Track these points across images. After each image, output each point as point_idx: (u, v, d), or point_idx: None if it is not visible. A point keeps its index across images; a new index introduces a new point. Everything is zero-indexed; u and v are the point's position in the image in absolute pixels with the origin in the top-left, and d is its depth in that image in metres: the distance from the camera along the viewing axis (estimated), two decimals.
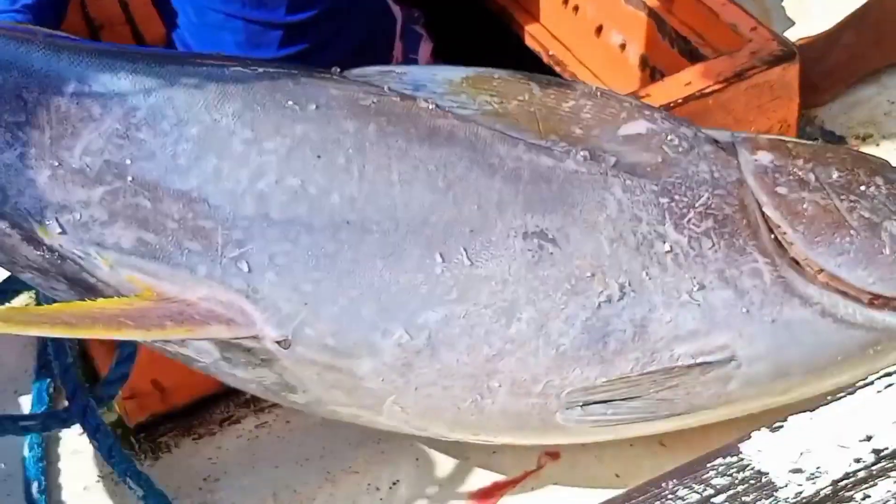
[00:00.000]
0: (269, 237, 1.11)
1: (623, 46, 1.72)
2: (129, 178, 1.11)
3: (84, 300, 1.11)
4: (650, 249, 1.16)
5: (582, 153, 1.20)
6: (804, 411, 1.09)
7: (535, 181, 1.18)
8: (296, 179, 1.12)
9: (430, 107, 1.21)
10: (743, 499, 1.06)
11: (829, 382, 1.21)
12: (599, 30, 1.77)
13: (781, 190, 1.22)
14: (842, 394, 1.11)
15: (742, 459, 1.08)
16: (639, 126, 1.25)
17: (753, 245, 1.18)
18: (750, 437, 1.09)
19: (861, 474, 1.08)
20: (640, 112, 1.27)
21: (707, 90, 1.43)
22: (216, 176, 1.11)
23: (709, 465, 1.08)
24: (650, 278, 1.16)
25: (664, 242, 1.17)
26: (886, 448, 1.09)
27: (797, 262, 1.18)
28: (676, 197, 1.19)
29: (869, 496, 1.05)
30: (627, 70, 1.71)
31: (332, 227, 1.12)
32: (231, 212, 1.11)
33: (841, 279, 1.19)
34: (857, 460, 1.09)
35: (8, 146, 1.11)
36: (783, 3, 1.90)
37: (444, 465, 1.36)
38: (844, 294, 1.18)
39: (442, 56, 1.95)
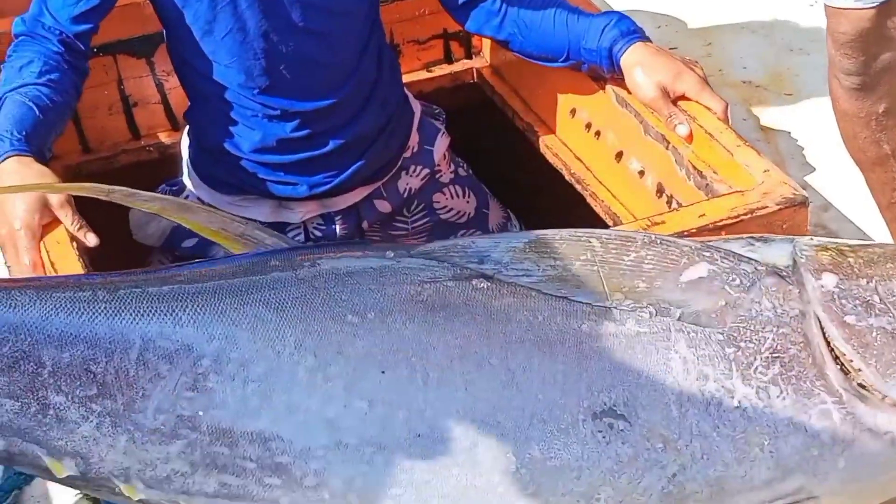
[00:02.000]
0: (344, 461, 1.14)
1: (642, 173, 1.75)
2: (204, 429, 1.14)
3: None
4: (719, 408, 1.17)
5: (648, 309, 1.22)
6: None
7: (597, 353, 1.19)
8: (363, 402, 1.15)
9: (486, 286, 1.22)
10: None
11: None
12: (619, 155, 1.80)
13: (850, 319, 1.22)
14: None
15: None
16: (700, 270, 1.25)
17: (821, 385, 1.19)
18: None
19: None
20: (700, 255, 1.27)
21: (720, 222, 1.46)
22: (286, 411, 1.15)
23: None
24: (720, 438, 1.17)
25: (733, 398, 1.18)
26: None
27: (863, 387, 1.19)
28: (742, 344, 1.20)
29: None
30: (645, 195, 1.75)
31: (404, 443, 1.14)
32: (305, 443, 1.14)
33: None
34: None
35: (84, 419, 1.15)
36: (803, 152, 1.95)
37: None
38: None
39: (459, 152, 1.99)
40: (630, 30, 1.71)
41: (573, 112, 1.91)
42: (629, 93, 1.72)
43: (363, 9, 1.73)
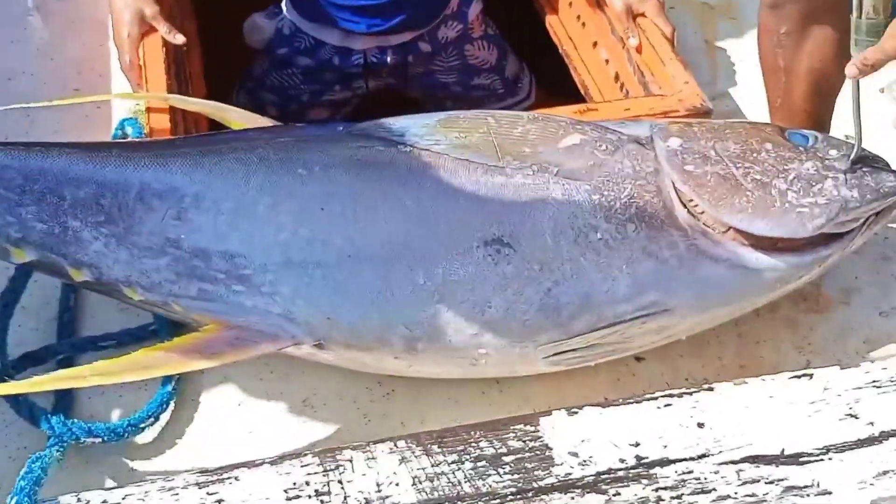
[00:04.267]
0: (293, 274, 1.44)
1: (607, 62, 2.18)
2: (185, 248, 1.46)
3: (163, 341, 1.48)
4: (586, 239, 1.46)
5: (532, 168, 1.51)
6: (597, 405, 1.33)
7: (490, 198, 1.47)
8: (306, 230, 1.45)
9: (409, 150, 1.51)
10: (526, 464, 1.22)
11: (749, 309, 1.60)
12: (595, 44, 2.24)
13: (689, 168, 1.51)
14: (631, 399, 1.33)
15: (537, 431, 1.27)
16: (574, 139, 1.54)
17: (670, 223, 1.48)
18: (550, 415, 1.31)
19: (620, 473, 1.23)
20: (574, 127, 1.56)
21: (638, 117, 1.77)
22: (249, 236, 1.46)
23: (512, 427, 1.27)
24: (587, 262, 1.45)
25: (597, 232, 1.46)
26: (647, 457, 1.25)
27: (707, 226, 1.48)
28: (605, 193, 1.48)
29: (619, 494, 1.19)
30: (607, 79, 2.18)
31: (337, 262, 1.44)
32: (263, 261, 1.45)
33: (745, 233, 1.46)
34: (621, 460, 1.25)
35: (94, 239, 1.48)
36: (733, 67, 2.36)
37: None
38: (750, 246, 1.47)
39: (491, 15, 2.47)
40: None
41: (570, 4, 2.35)
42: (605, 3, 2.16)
43: None
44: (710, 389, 1.40)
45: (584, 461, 1.26)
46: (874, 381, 1.40)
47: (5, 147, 1.55)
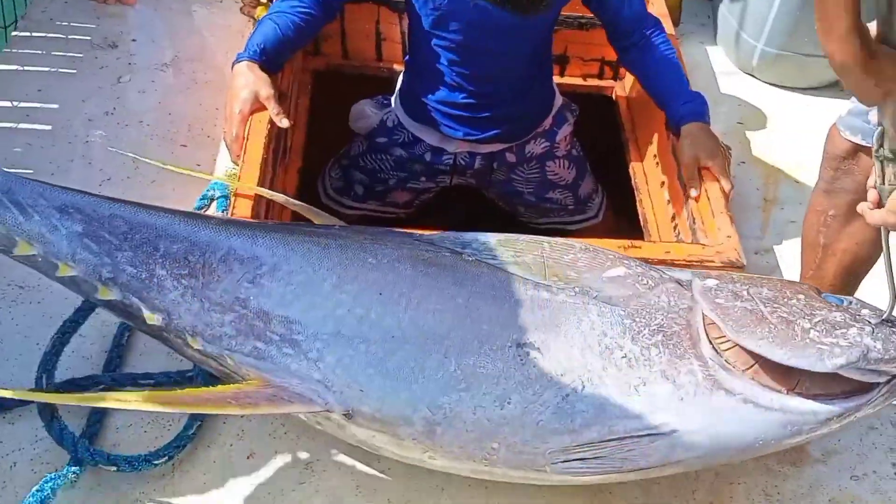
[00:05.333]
0: (339, 346, 1.60)
1: (668, 202, 2.40)
2: (251, 308, 1.63)
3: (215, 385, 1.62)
4: (610, 355, 1.59)
5: (574, 289, 1.66)
6: None
7: (532, 309, 1.63)
8: (361, 309, 1.62)
9: (469, 258, 1.70)
10: None
11: (757, 453, 1.65)
12: (662, 184, 2.46)
13: (719, 300, 1.64)
14: None
15: None
16: (619, 271, 1.70)
17: (692, 353, 1.60)
18: None
19: None
20: (621, 261, 1.72)
21: (677, 262, 1.94)
22: (309, 306, 1.62)
23: None
24: (606, 376, 1.58)
25: (621, 350, 1.59)
26: None
27: (728, 364, 1.58)
28: (637, 319, 1.63)
29: None
30: (665, 217, 2.42)
31: (381, 340, 1.60)
32: (316, 330, 1.61)
33: (764, 373, 1.57)
34: None
35: (174, 289, 1.66)
36: (785, 226, 2.59)
37: None
38: (765, 386, 1.57)
39: (579, 135, 2.67)
40: (696, 112, 2.24)
41: (651, 143, 2.57)
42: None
43: (541, 37, 2.35)
44: None
45: None
46: None
47: (121, 200, 1.73)
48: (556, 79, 2.81)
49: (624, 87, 2.91)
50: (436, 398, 1.56)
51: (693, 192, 2.15)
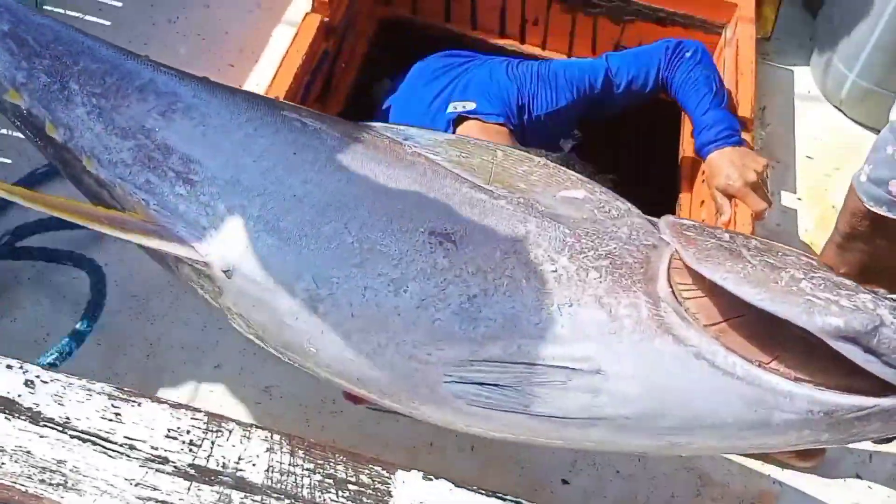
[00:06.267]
0: (235, 195, 1.43)
1: (702, 221, 2.10)
2: (154, 140, 1.49)
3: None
4: (538, 267, 1.34)
5: (518, 199, 1.42)
6: (452, 481, 1.23)
7: (461, 203, 1.41)
8: (268, 162, 1.44)
9: (406, 146, 1.49)
10: (363, 498, 1.22)
11: (714, 437, 1.28)
12: (702, 203, 2.27)
13: (689, 232, 1.36)
14: (488, 492, 1.20)
15: (389, 478, 1.24)
16: (577, 193, 1.46)
17: (641, 288, 1.31)
18: (408, 471, 1.27)
19: None
20: (584, 184, 1.46)
21: None
22: (214, 150, 1.47)
23: (370, 465, 1.27)
24: (527, 286, 1.32)
25: (553, 265, 1.34)
26: None
27: (687, 313, 1.28)
28: (584, 241, 1.37)
29: None
30: None
31: (281, 197, 1.41)
32: (214, 174, 1.45)
33: (731, 335, 1.24)
34: None
35: (82, 104, 1.54)
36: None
37: None
38: (730, 350, 1.24)
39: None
40: (720, 137, 2.07)
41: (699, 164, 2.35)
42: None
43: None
44: None
45: None
46: None
47: (54, 18, 1.64)
48: None
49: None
50: (324, 269, 1.37)
51: (723, 218, 2.01)
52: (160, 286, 2.02)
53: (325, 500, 1.27)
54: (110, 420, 1.30)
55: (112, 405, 1.32)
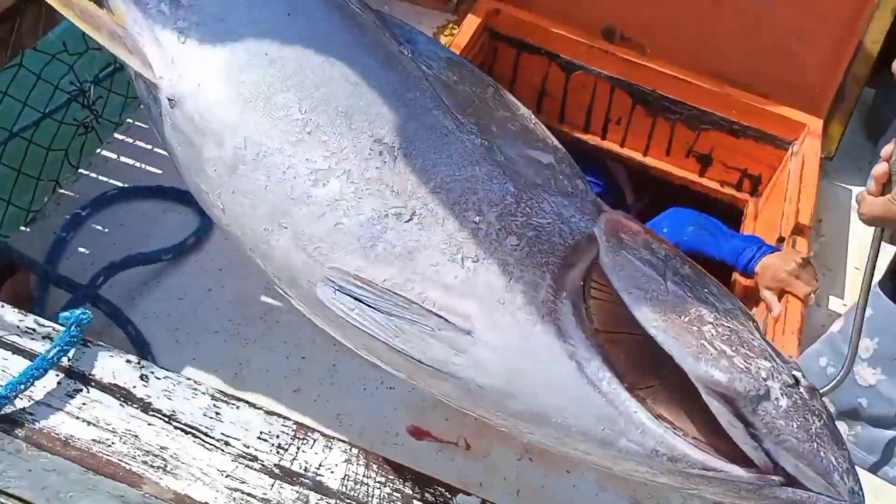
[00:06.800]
0: (211, 33, 1.44)
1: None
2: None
3: None
4: (462, 212, 1.30)
5: (481, 139, 1.38)
6: None
7: (420, 121, 1.38)
8: (260, 14, 1.46)
9: (403, 49, 1.48)
10: None
11: (555, 438, 1.26)
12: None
13: (624, 234, 1.31)
14: None
15: (449, 500, 1.34)
16: (545, 157, 1.41)
17: (551, 272, 1.26)
18: (469, 495, 1.33)
19: None
20: (554, 151, 1.43)
21: None
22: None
23: (436, 486, 1.35)
24: (441, 226, 1.29)
25: (478, 216, 1.29)
26: None
27: (584, 310, 1.24)
28: (522, 205, 1.31)
29: None
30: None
31: (252, 53, 1.42)
32: (202, 5, 1.47)
33: (614, 350, 1.21)
34: None
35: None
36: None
37: None
38: (605, 362, 1.20)
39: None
40: (756, 251, 2.28)
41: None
42: None
43: None
44: None
45: None
46: None
47: None
48: (693, 177, 2.85)
49: (757, 205, 2.89)
50: (260, 135, 1.37)
51: (773, 313, 2.15)
52: (254, 316, 2.20)
53: None
54: (211, 417, 1.46)
55: (214, 405, 1.48)
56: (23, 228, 2.27)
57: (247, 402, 1.49)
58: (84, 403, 1.44)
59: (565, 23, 2.87)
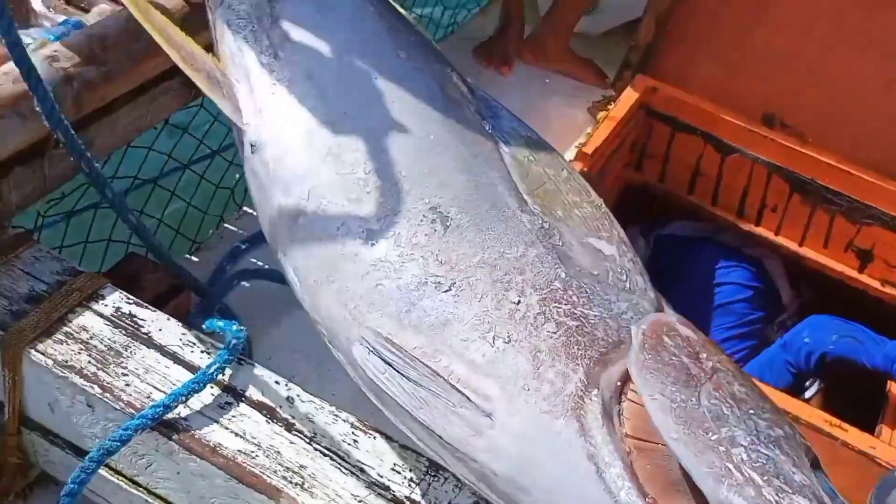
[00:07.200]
0: (298, 84, 1.52)
1: None
2: (274, 7, 1.61)
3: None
4: (504, 291, 1.28)
5: (541, 221, 1.36)
6: None
7: (481, 193, 1.38)
8: (347, 73, 1.52)
9: (485, 123, 1.51)
10: None
11: None
12: None
13: (666, 338, 1.27)
14: None
15: None
16: (607, 248, 1.38)
17: (586, 365, 1.22)
18: None
19: None
20: (620, 246, 1.40)
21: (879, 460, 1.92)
22: (315, 39, 1.56)
23: None
24: (478, 301, 1.28)
25: (519, 297, 1.27)
26: None
27: (615, 413, 1.19)
28: (569, 292, 1.28)
29: None
30: None
31: (331, 103, 1.49)
32: (300, 59, 1.56)
33: (641, 459, 1.14)
34: None
35: None
36: None
37: None
38: (629, 470, 1.14)
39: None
40: None
41: None
42: None
43: None
44: None
45: None
46: None
47: None
48: (851, 273, 2.76)
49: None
50: (324, 186, 1.41)
51: None
52: None
53: None
54: (349, 444, 1.51)
55: (352, 432, 1.53)
56: (187, 256, 2.40)
57: (383, 434, 1.53)
58: (233, 416, 1.51)
59: (724, 106, 2.85)
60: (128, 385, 1.53)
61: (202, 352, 1.61)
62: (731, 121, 2.81)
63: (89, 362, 1.55)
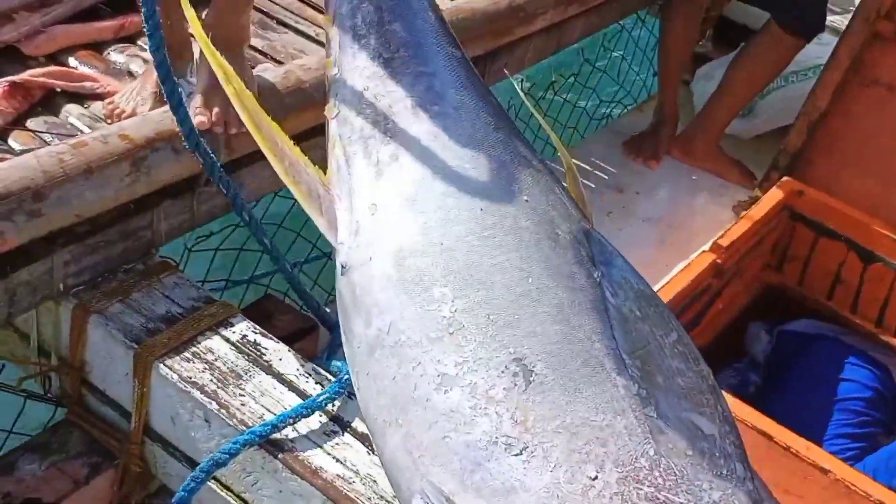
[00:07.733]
0: (398, 207, 1.43)
1: None
2: (389, 122, 1.53)
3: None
4: (580, 462, 1.17)
5: (637, 387, 1.23)
6: None
7: (574, 349, 1.25)
8: (453, 202, 1.42)
9: (596, 274, 1.35)
10: None
11: None
12: None
13: None
14: None
15: None
16: (707, 427, 1.25)
17: None
18: None
19: None
20: (722, 426, 1.26)
21: None
22: (423, 162, 1.48)
23: None
24: (550, 471, 1.17)
25: (597, 472, 1.16)
26: None
27: None
28: (656, 473, 1.16)
29: None
30: None
31: (429, 232, 1.38)
32: (407, 179, 1.46)
33: None
34: None
35: (367, 58, 1.60)
36: None
37: None
38: None
39: None
40: None
41: None
42: None
43: None
44: None
45: None
46: None
47: None
48: None
49: None
50: (405, 320, 1.31)
51: None
52: None
53: None
54: None
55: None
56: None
57: None
58: (337, 443, 1.58)
59: (870, 214, 2.80)
60: (243, 405, 1.63)
61: (316, 383, 1.70)
62: (876, 229, 2.75)
63: (211, 381, 1.66)
